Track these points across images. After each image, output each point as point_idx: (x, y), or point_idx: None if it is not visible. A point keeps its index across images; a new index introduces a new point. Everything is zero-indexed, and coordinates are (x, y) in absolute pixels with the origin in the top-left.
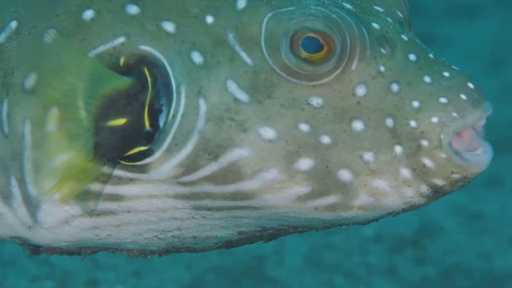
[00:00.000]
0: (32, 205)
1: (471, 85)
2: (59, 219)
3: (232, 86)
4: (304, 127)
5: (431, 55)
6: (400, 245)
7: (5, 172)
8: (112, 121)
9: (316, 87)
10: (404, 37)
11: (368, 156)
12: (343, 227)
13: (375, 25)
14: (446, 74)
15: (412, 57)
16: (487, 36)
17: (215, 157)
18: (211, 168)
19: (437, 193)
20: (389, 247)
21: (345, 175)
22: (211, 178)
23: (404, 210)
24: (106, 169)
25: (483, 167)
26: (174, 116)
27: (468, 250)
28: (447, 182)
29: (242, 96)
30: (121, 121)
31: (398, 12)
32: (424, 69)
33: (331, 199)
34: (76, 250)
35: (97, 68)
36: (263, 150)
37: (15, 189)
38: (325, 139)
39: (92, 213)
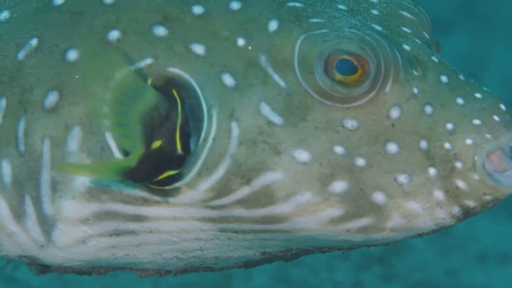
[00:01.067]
0: (47, 224)
1: (503, 107)
2: (75, 239)
3: (266, 109)
4: (338, 149)
5: (461, 77)
6: (367, 262)
7: (20, 191)
8: (151, 144)
9: (350, 109)
10: (435, 59)
11: (402, 178)
12: (370, 247)
13: (406, 47)
14: (478, 95)
15: (443, 78)
16: (459, 52)
17: (247, 181)
18: (243, 192)
19: (467, 214)
20: (356, 263)
21: (379, 197)
22: (242, 202)
23: (433, 231)
24: (130, 190)
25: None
26: (205, 140)
27: (435, 266)
28: (478, 203)
29: (276, 118)
30: (157, 144)
31: (425, 33)
32: (456, 90)
33: (364, 221)
34: (88, 270)
35: (134, 80)
36: (297, 173)
37: (29, 208)
38: (360, 162)
39: (112, 234)
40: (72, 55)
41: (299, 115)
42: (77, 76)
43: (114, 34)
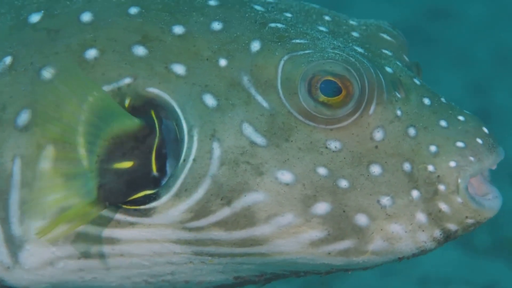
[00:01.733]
0: (14, 245)
1: (485, 130)
2: (42, 261)
3: (248, 129)
4: (322, 170)
5: (443, 99)
6: (308, 285)
7: None
8: (118, 163)
9: (334, 131)
10: (417, 81)
11: (385, 200)
12: (349, 272)
13: (388, 69)
14: (461, 118)
15: (426, 101)
16: None
17: (228, 202)
18: (222, 213)
19: (448, 238)
20: (297, 286)
21: (361, 219)
22: (221, 224)
23: (414, 255)
24: (104, 212)
25: (495, 211)
26: (185, 161)
27: None
28: (460, 227)
29: (259, 139)
30: (127, 164)
31: (404, 56)
32: (439, 113)
33: (345, 244)
34: None
35: (108, 104)
36: (279, 194)
37: None
38: (343, 183)
39: (81, 256)
40: (47, 73)
41: (282, 136)
42: (50, 95)
43: (92, 53)
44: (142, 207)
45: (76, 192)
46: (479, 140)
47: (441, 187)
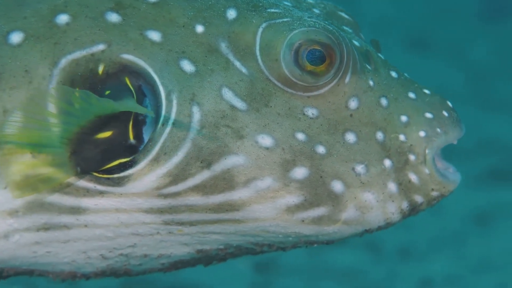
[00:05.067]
0: None
1: (449, 104)
2: None
3: (228, 94)
4: (300, 136)
5: (406, 75)
6: None
7: None
8: (99, 133)
9: (311, 98)
10: (381, 56)
11: (360, 168)
12: (314, 245)
13: (356, 42)
14: (426, 91)
15: (394, 74)
16: None
17: (207, 164)
18: (201, 176)
19: (413, 211)
20: None
21: (337, 186)
22: (200, 188)
23: (379, 228)
24: (72, 180)
25: (457, 185)
26: (164, 124)
27: None
28: (425, 199)
29: (239, 103)
30: (107, 134)
31: (361, 34)
32: (407, 86)
33: (320, 211)
34: None
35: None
36: (259, 158)
37: None
38: (320, 149)
39: (41, 227)
40: (15, 38)
41: (261, 101)
42: (20, 60)
43: (63, 18)
44: (116, 175)
45: (45, 160)
46: (445, 113)
47: (412, 157)
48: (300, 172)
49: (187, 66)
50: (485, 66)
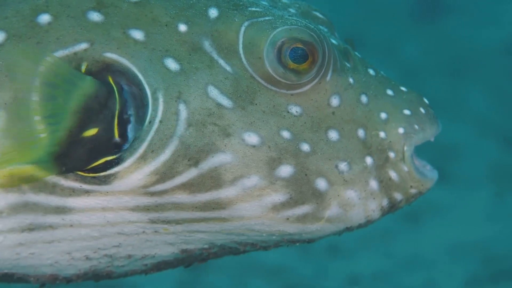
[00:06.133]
0: None
1: (426, 101)
2: None
3: (214, 92)
4: (285, 133)
5: (382, 72)
6: None
7: None
8: (84, 132)
9: (294, 96)
10: (358, 54)
11: (343, 166)
12: (296, 244)
13: (333, 41)
14: (403, 89)
15: (371, 72)
16: None
17: (195, 162)
18: (189, 174)
19: (392, 208)
20: None
21: (321, 183)
22: (187, 186)
23: (360, 226)
24: (57, 180)
25: (434, 182)
26: (150, 123)
27: None
28: (404, 197)
29: (225, 101)
30: (92, 132)
31: (336, 34)
32: (384, 83)
33: (304, 208)
34: None
35: (60, 66)
36: (246, 156)
37: None
38: (305, 147)
39: (26, 228)
40: None
41: (247, 98)
42: (2, 60)
43: (45, 18)
44: (102, 173)
45: (29, 158)
46: (422, 110)
47: (391, 154)
48: (285, 170)
49: (172, 64)
50: (417, 65)
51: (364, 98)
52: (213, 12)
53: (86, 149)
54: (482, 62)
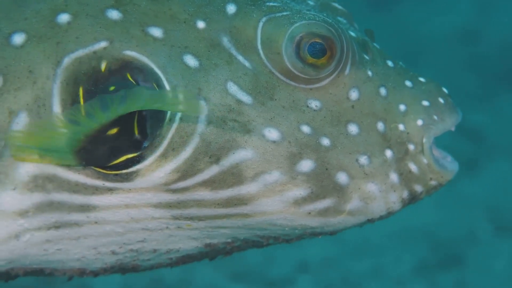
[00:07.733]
0: None
1: (445, 90)
2: (7, 234)
3: (233, 88)
4: (305, 128)
5: (401, 63)
6: None
7: None
8: (108, 131)
9: (313, 90)
10: (376, 46)
11: (363, 159)
12: (319, 236)
13: (352, 33)
14: (422, 79)
15: (390, 63)
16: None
17: (216, 159)
18: (210, 171)
19: (412, 199)
20: None
21: (342, 177)
22: (208, 183)
23: (381, 218)
24: (81, 178)
25: (454, 174)
26: (171, 120)
27: None
28: (424, 188)
29: (245, 97)
30: (114, 130)
31: (355, 24)
32: (403, 74)
33: (326, 202)
34: (6, 271)
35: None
36: (267, 152)
37: None
38: (325, 141)
39: (52, 226)
40: (18, 39)
41: (266, 94)
42: (23, 61)
43: (64, 17)
44: (124, 171)
45: (52, 160)
46: (441, 100)
47: (411, 147)
48: (306, 165)
49: (191, 61)
50: None
51: (383, 91)
52: (231, 8)
53: (107, 146)
54: (436, 50)
